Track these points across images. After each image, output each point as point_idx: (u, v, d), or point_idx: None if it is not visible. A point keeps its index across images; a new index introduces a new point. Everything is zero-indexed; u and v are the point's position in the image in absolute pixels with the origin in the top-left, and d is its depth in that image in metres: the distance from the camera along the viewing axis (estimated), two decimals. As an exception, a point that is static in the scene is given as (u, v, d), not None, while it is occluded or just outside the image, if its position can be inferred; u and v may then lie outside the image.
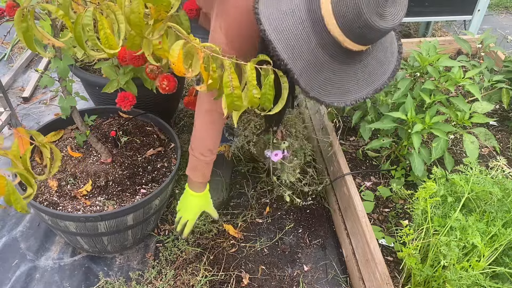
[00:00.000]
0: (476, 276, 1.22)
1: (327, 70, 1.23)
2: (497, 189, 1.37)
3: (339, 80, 1.26)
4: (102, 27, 0.84)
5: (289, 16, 1.17)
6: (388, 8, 1.11)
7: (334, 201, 1.94)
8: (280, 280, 1.76)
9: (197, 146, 1.56)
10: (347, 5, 1.09)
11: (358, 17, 1.09)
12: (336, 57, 1.21)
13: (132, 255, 1.84)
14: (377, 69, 1.32)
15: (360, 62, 1.26)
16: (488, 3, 2.92)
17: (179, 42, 0.90)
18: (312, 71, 1.22)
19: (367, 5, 1.08)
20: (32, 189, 0.93)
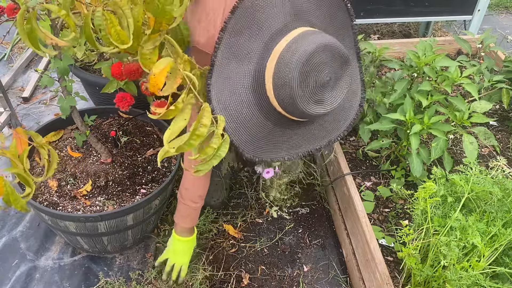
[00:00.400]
0: (476, 276, 1.22)
1: (278, 134, 1.26)
2: (497, 189, 1.37)
3: (290, 139, 1.29)
4: (112, 25, 0.85)
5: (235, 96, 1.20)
6: (327, 93, 1.15)
7: (334, 201, 1.94)
8: (280, 280, 1.76)
9: (189, 195, 1.54)
10: (284, 95, 1.13)
11: (293, 106, 1.13)
12: (285, 126, 1.25)
13: (132, 255, 1.84)
14: (331, 126, 1.35)
15: (312, 123, 1.29)
16: (488, 3, 2.92)
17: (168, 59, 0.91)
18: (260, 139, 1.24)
19: (301, 98, 1.11)
20: (30, 189, 0.93)
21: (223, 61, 1.19)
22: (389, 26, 3.47)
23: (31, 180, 0.93)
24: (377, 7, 2.75)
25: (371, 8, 2.72)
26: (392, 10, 2.80)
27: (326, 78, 1.13)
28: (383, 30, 3.40)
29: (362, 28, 3.39)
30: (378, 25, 3.42)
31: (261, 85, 1.18)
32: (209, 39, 1.26)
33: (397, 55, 2.52)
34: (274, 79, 1.14)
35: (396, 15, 2.85)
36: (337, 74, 1.15)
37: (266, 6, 1.17)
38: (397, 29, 3.47)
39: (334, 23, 1.28)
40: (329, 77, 1.13)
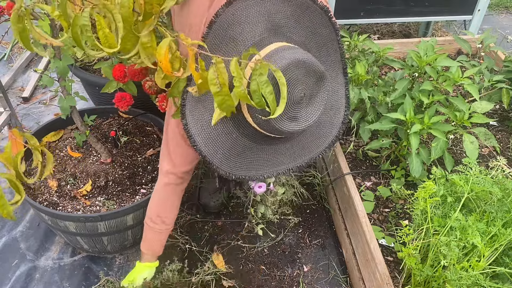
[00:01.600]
0: (476, 276, 1.22)
1: (252, 152, 1.22)
2: (497, 189, 1.37)
3: (270, 157, 1.25)
4: (100, 27, 0.83)
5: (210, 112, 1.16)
6: (302, 110, 1.11)
7: (334, 201, 1.94)
8: (280, 280, 1.76)
9: (149, 210, 1.47)
10: (256, 112, 1.09)
11: (267, 123, 1.10)
12: (261, 142, 1.21)
13: (132, 255, 1.83)
14: (312, 143, 1.30)
15: (290, 140, 1.25)
16: (488, 3, 2.91)
17: (166, 40, 0.89)
18: (236, 155, 1.20)
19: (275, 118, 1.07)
20: (20, 196, 0.92)
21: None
22: (389, 26, 3.47)
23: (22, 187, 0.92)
24: (377, 7, 2.74)
25: (371, 8, 2.71)
26: (392, 10, 2.80)
27: (300, 94, 1.09)
28: (383, 30, 3.40)
29: (362, 28, 3.39)
30: (378, 25, 3.42)
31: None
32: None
33: (397, 55, 2.52)
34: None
35: (396, 15, 2.84)
36: (312, 90, 1.12)
37: (242, 22, 1.14)
38: (397, 29, 3.47)
39: (316, 39, 1.23)
40: (303, 93, 1.10)
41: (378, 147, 1.82)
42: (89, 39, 0.84)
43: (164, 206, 1.47)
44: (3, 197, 0.87)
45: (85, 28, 0.82)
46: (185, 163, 1.40)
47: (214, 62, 0.92)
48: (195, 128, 1.17)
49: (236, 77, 0.94)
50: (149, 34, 0.92)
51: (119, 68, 1.71)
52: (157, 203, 1.47)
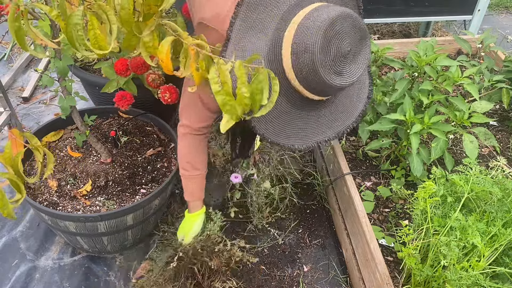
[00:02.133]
0: (476, 276, 1.22)
1: (289, 116, 1.25)
2: (497, 189, 1.37)
3: (301, 125, 1.28)
4: (92, 27, 0.83)
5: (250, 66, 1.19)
6: (346, 66, 1.13)
7: (334, 201, 1.94)
8: (280, 280, 1.76)
9: (182, 164, 1.54)
10: (304, 62, 1.11)
11: (314, 75, 1.11)
12: (297, 105, 1.23)
13: (132, 255, 1.83)
14: (341, 115, 1.33)
15: (322, 108, 1.28)
16: (488, 3, 2.91)
17: (168, 39, 0.89)
18: (273, 117, 1.23)
19: (323, 66, 1.09)
20: (20, 195, 0.92)
21: (238, 34, 1.19)
22: (389, 26, 3.47)
23: (23, 186, 0.92)
24: (377, 7, 2.74)
25: (371, 8, 2.71)
26: (392, 10, 2.80)
27: (347, 48, 1.11)
28: (383, 30, 3.40)
29: (362, 28, 3.38)
30: (378, 25, 3.42)
31: (277, 55, 1.17)
32: (216, 15, 1.25)
33: (397, 55, 2.52)
34: (294, 46, 1.12)
35: (396, 15, 2.84)
36: (356, 47, 1.14)
37: None
38: (397, 29, 3.47)
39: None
40: (349, 47, 1.12)
41: (378, 147, 1.82)
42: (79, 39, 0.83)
43: (190, 153, 1.53)
44: (4, 196, 0.87)
45: (76, 27, 0.81)
46: (200, 121, 1.46)
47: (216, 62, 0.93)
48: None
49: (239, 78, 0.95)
50: (150, 34, 0.92)
51: (121, 62, 1.72)
52: (183, 151, 1.53)
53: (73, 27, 0.82)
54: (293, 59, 1.13)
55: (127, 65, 1.72)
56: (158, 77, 1.78)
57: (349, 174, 1.80)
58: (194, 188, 1.58)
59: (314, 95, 1.19)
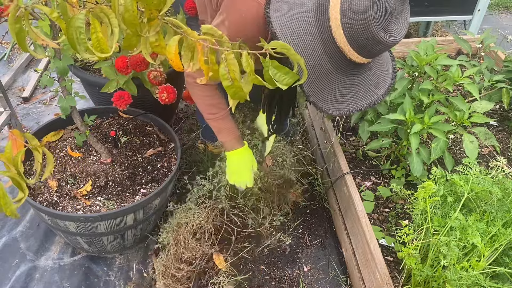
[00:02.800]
0: (476, 276, 1.22)
1: (328, 78, 1.27)
2: (497, 189, 1.37)
3: (338, 89, 1.31)
4: (94, 30, 0.83)
5: (299, 23, 1.20)
6: (392, 24, 1.16)
7: (334, 201, 1.94)
8: (280, 280, 1.76)
9: (203, 110, 1.53)
10: (355, 16, 1.12)
11: (365, 29, 1.13)
12: (339, 67, 1.25)
13: (132, 255, 1.84)
14: (373, 86, 1.37)
15: (359, 75, 1.31)
16: (488, 3, 2.92)
17: (175, 38, 0.89)
18: (315, 77, 1.25)
19: (375, 19, 1.11)
20: (23, 193, 0.92)
21: None
22: (389, 26, 3.46)
23: (25, 184, 0.92)
24: (377, 7, 2.74)
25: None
26: (392, 10, 2.79)
27: (393, 6, 1.14)
28: (383, 30, 3.40)
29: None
30: (378, 25, 3.42)
31: (324, 14, 1.18)
32: None
33: (397, 55, 2.52)
34: (343, 2, 1.13)
35: (396, 15, 2.84)
36: (400, 6, 1.17)
37: None
38: (397, 29, 3.46)
39: None
40: (395, 6, 1.14)
41: (378, 147, 1.82)
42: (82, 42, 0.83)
43: (208, 96, 1.51)
44: (6, 195, 0.87)
45: (79, 30, 0.82)
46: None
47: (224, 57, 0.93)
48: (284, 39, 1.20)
49: (249, 72, 0.95)
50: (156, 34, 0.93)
51: (121, 60, 1.72)
52: (201, 98, 1.52)
53: (75, 30, 0.82)
54: (343, 15, 1.14)
55: (127, 63, 1.73)
56: (159, 74, 1.78)
57: (349, 173, 1.79)
58: (228, 125, 1.57)
59: (358, 56, 1.21)
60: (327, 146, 2.01)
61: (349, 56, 1.21)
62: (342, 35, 1.17)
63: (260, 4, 1.27)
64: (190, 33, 0.91)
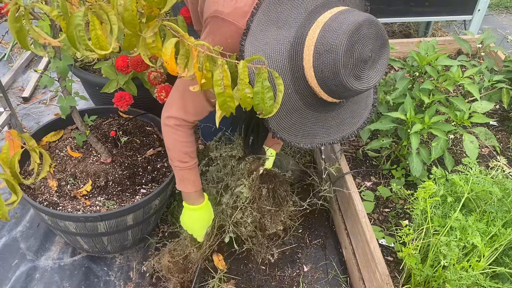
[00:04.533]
0: (476, 276, 1.22)
1: (299, 115, 1.26)
2: (497, 189, 1.37)
3: (309, 124, 1.29)
4: (93, 27, 0.83)
5: (271, 61, 1.19)
6: (365, 71, 1.15)
7: (334, 201, 1.94)
8: (280, 280, 1.76)
9: (172, 155, 1.50)
10: (326, 62, 1.12)
11: (334, 76, 1.12)
12: (310, 105, 1.24)
13: (132, 255, 1.84)
14: (348, 120, 1.35)
15: (332, 111, 1.30)
16: (488, 3, 2.92)
17: (172, 40, 0.90)
18: (284, 113, 1.24)
19: (345, 67, 1.10)
20: (16, 196, 0.91)
21: (259, 27, 1.19)
22: (389, 26, 3.47)
23: (19, 187, 0.91)
24: (377, 7, 2.75)
25: (371, 8, 2.71)
26: (392, 10, 2.80)
27: (368, 54, 1.13)
28: (383, 30, 3.40)
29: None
30: (378, 25, 3.42)
31: (298, 53, 1.17)
32: (237, 8, 1.24)
33: (398, 55, 2.52)
34: (317, 46, 1.13)
35: (396, 15, 2.85)
36: (377, 54, 1.16)
37: None
38: (397, 29, 3.47)
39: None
40: (370, 53, 1.13)
41: (378, 147, 1.82)
42: (81, 40, 0.83)
43: (186, 142, 1.48)
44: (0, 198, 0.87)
45: (78, 28, 0.82)
46: (196, 114, 1.42)
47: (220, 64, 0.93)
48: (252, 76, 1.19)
49: (242, 79, 0.95)
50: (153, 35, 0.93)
51: (122, 59, 1.72)
52: (178, 143, 1.48)
53: (74, 27, 0.82)
54: (315, 58, 1.14)
55: (128, 62, 1.73)
56: (160, 74, 1.78)
57: (349, 173, 1.79)
58: (195, 177, 1.54)
59: (329, 97, 1.20)
60: (327, 146, 2.01)
61: (320, 96, 1.21)
62: (314, 77, 1.16)
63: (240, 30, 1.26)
64: (187, 38, 0.91)
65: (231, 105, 0.99)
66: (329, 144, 1.35)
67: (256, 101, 1.01)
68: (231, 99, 0.98)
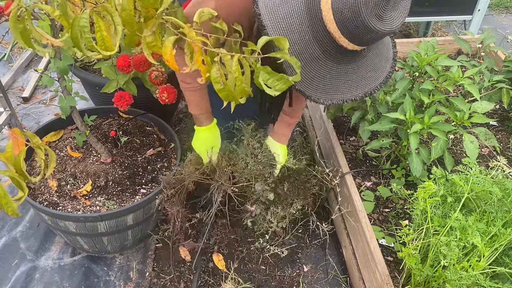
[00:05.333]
0: (476, 276, 1.22)
1: (318, 65, 1.19)
2: (497, 189, 1.37)
3: (329, 77, 1.22)
4: (99, 29, 0.83)
5: (287, 4, 1.14)
6: (388, 11, 1.08)
7: (334, 201, 1.93)
8: (280, 280, 1.76)
9: (179, 75, 1.48)
10: (345, 2, 1.06)
11: (355, 16, 1.06)
12: (329, 54, 1.18)
13: (132, 255, 1.84)
14: (370, 74, 1.28)
15: (353, 63, 1.22)
16: (488, 3, 2.92)
17: (171, 38, 0.89)
18: (303, 64, 1.17)
19: (366, 6, 1.04)
20: (23, 192, 0.92)
21: None
22: (389, 26, 3.46)
23: (25, 184, 0.92)
24: (377, 7, 2.74)
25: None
26: (392, 10, 2.79)
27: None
28: (383, 30, 3.40)
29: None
30: (378, 25, 3.42)
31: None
32: None
33: (398, 55, 2.51)
34: None
35: (396, 15, 2.84)
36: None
37: None
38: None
39: None
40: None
41: (378, 147, 1.82)
42: (87, 41, 0.84)
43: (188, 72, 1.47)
44: (7, 194, 0.87)
45: (83, 29, 0.82)
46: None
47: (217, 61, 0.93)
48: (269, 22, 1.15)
49: (237, 77, 0.94)
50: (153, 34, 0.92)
51: (123, 59, 1.72)
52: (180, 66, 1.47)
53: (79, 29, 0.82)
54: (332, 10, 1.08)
55: (129, 62, 1.73)
56: (161, 74, 1.78)
57: (349, 173, 1.79)
58: (199, 99, 1.52)
59: (350, 43, 1.13)
60: (327, 146, 2.01)
61: (340, 43, 1.14)
62: (333, 20, 1.09)
63: None
64: (188, 33, 0.91)
65: (236, 97, 0.98)
66: (351, 100, 1.28)
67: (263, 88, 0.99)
68: (232, 93, 0.97)
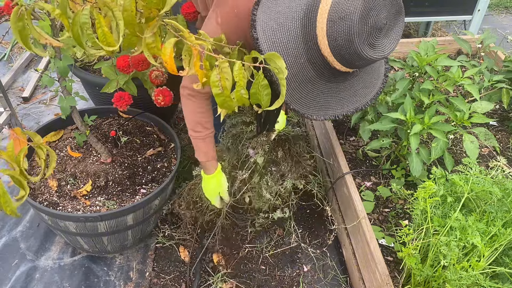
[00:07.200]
0: (476, 276, 1.22)
1: (312, 85, 1.25)
2: (497, 189, 1.37)
3: (322, 96, 1.28)
4: (99, 25, 0.83)
5: (284, 29, 1.18)
6: (380, 39, 1.14)
7: (334, 201, 1.94)
8: (280, 280, 1.76)
9: (189, 125, 1.52)
10: (340, 30, 1.11)
11: (348, 45, 1.11)
12: (323, 75, 1.23)
13: (132, 255, 1.84)
14: (361, 90, 1.34)
15: (345, 81, 1.28)
16: (488, 3, 2.92)
17: (171, 41, 0.90)
18: (297, 85, 1.23)
19: (359, 35, 1.09)
20: (24, 192, 0.92)
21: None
22: (389, 26, 3.46)
23: (25, 183, 0.92)
24: (377, 7, 2.74)
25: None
26: (392, 10, 2.79)
27: (383, 21, 1.11)
28: (383, 30, 3.40)
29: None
30: (378, 25, 3.42)
31: (311, 21, 1.16)
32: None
33: (397, 55, 2.52)
34: (331, 13, 1.11)
35: (396, 15, 2.84)
36: (392, 21, 1.14)
37: None
38: (397, 29, 3.46)
39: None
40: (385, 21, 1.12)
41: (378, 146, 1.82)
42: (89, 38, 0.84)
43: (198, 113, 1.49)
44: (6, 193, 0.87)
45: (85, 26, 0.82)
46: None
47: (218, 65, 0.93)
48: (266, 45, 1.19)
49: (238, 82, 0.96)
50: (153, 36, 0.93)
51: (123, 59, 1.72)
52: (190, 113, 1.49)
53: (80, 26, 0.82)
54: (329, 26, 1.12)
55: (129, 62, 1.73)
56: (161, 74, 1.78)
57: (349, 173, 1.79)
58: (207, 148, 1.55)
59: (342, 66, 1.19)
60: (327, 146, 2.01)
61: (333, 66, 1.20)
62: (327, 46, 1.15)
63: (253, 1, 1.25)
64: (187, 37, 0.91)
65: (231, 104, 0.99)
66: (342, 116, 1.33)
67: (253, 100, 1.02)
68: (230, 99, 0.98)
